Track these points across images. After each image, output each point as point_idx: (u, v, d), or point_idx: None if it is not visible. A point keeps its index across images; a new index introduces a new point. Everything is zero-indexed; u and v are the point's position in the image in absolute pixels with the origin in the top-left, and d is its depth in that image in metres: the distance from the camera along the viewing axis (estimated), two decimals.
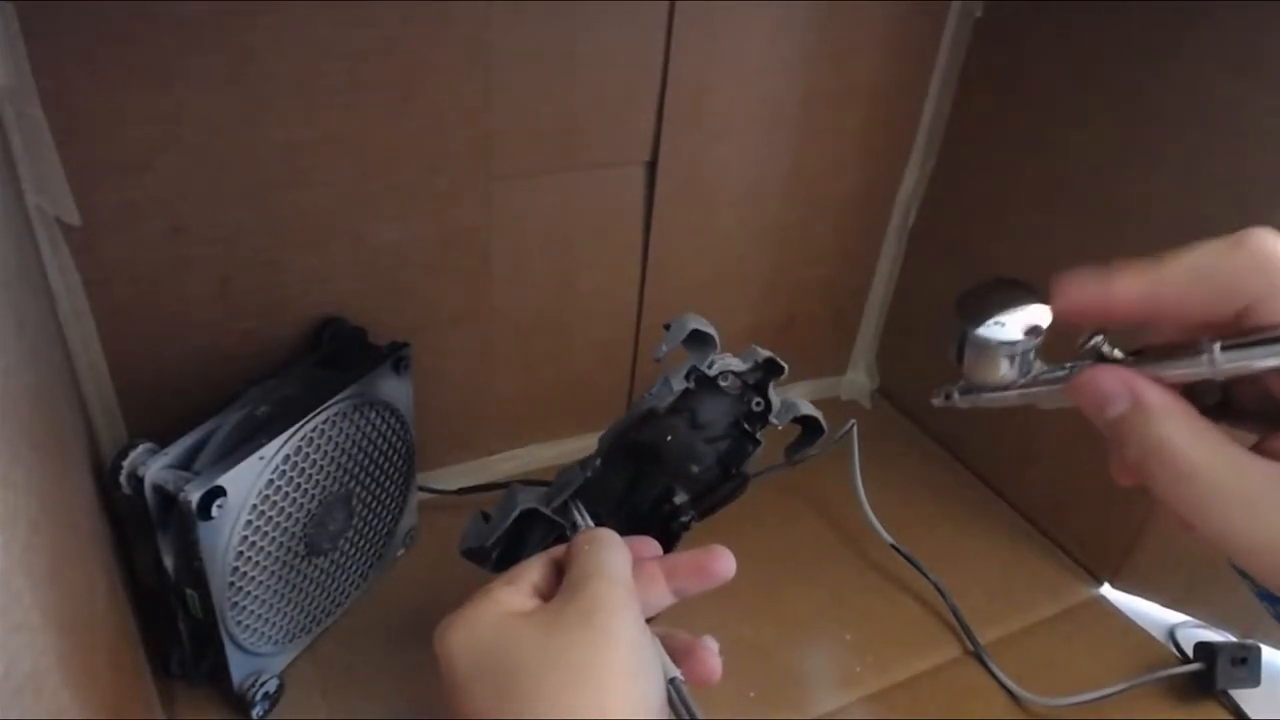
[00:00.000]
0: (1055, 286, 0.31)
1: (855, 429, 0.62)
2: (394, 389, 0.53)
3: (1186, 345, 0.29)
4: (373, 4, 0.47)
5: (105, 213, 0.47)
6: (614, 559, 0.36)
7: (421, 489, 0.62)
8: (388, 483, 0.56)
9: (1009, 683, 0.55)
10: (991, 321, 0.33)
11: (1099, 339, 0.31)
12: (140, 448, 0.44)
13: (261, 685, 0.49)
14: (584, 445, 0.71)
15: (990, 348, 0.33)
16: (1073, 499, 0.65)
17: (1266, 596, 0.32)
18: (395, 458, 0.55)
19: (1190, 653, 0.57)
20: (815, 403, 0.81)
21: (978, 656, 0.57)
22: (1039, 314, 0.31)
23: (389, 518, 0.57)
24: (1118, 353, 0.30)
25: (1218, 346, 0.27)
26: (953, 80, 0.68)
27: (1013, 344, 0.32)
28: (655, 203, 0.62)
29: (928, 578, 0.61)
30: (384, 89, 0.50)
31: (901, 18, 0.63)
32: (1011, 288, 0.33)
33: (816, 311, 0.77)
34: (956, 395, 0.37)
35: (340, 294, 0.56)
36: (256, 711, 0.49)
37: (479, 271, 0.59)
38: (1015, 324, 0.32)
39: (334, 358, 0.53)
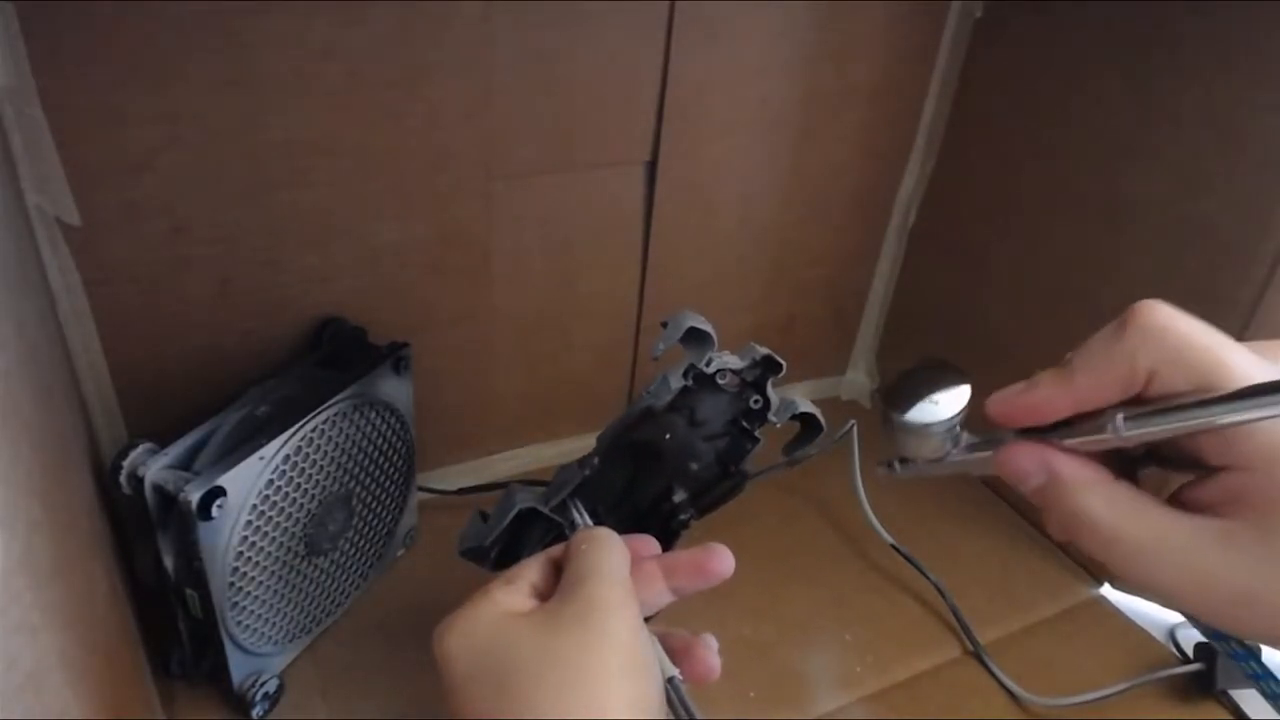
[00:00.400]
0: (987, 406, 0.34)
1: (855, 429, 0.62)
2: (394, 389, 0.53)
3: (1095, 417, 0.31)
4: (373, 4, 0.47)
5: (105, 213, 0.47)
6: (612, 558, 0.36)
7: (421, 489, 0.62)
8: (388, 483, 0.56)
9: (1009, 683, 0.55)
10: (924, 403, 0.35)
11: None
12: (140, 448, 0.44)
13: (261, 685, 0.49)
14: (584, 445, 0.71)
15: (923, 429, 0.35)
16: None
17: (1217, 636, 0.34)
18: (395, 458, 0.55)
19: (1190, 653, 0.57)
20: (815, 403, 0.81)
21: (978, 656, 0.57)
22: (963, 393, 0.34)
23: (389, 518, 0.57)
24: None
25: (1120, 418, 0.30)
26: (953, 80, 0.68)
27: (943, 422, 0.34)
28: (655, 203, 0.62)
29: (928, 578, 0.61)
30: (384, 89, 0.50)
31: (901, 18, 0.63)
32: (937, 370, 0.35)
33: (816, 311, 0.77)
34: (897, 467, 0.40)
35: (340, 294, 0.56)
36: (256, 711, 0.49)
37: (479, 271, 0.59)
38: (945, 404, 0.34)
39: (334, 358, 0.53)
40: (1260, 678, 0.46)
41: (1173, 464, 0.33)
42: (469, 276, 0.59)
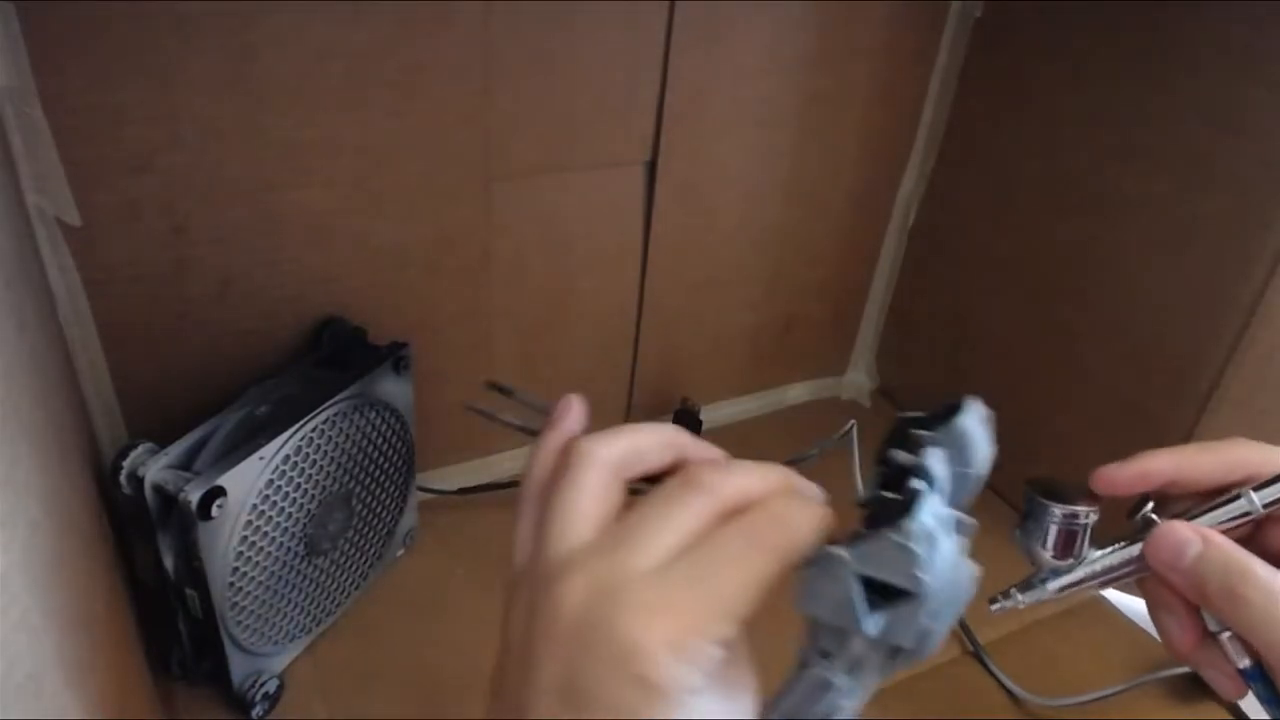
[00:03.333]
0: (1092, 481, 0.38)
1: (855, 429, 0.62)
2: (394, 389, 0.53)
3: (1224, 497, 0.36)
4: (373, 4, 0.47)
5: (105, 213, 0.47)
6: None
7: (421, 489, 0.62)
8: (388, 483, 0.56)
9: (1009, 683, 0.55)
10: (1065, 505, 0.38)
11: (1148, 508, 0.37)
12: (140, 448, 0.44)
13: (261, 685, 0.49)
14: None
15: (1066, 522, 0.38)
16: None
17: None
18: (395, 458, 0.55)
19: None
20: (815, 403, 0.82)
21: (977, 656, 0.57)
22: (1083, 515, 0.38)
23: (389, 518, 0.57)
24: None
25: (1250, 489, 0.35)
26: (953, 80, 0.68)
27: (1085, 518, 0.38)
28: (655, 203, 0.62)
29: None
30: (384, 89, 0.50)
31: (901, 18, 0.63)
32: (1065, 489, 0.39)
33: (816, 312, 0.77)
34: (1016, 595, 0.42)
35: (340, 294, 0.56)
36: (256, 711, 0.49)
37: (479, 271, 0.59)
38: (1084, 505, 0.38)
39: (334, 358, 0.53)
40: None
41: (1274, 556, 0.36)
42: (469, 276, 0.59)
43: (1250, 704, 0.54)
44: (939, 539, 0.27)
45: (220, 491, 0.42)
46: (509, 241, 0.59)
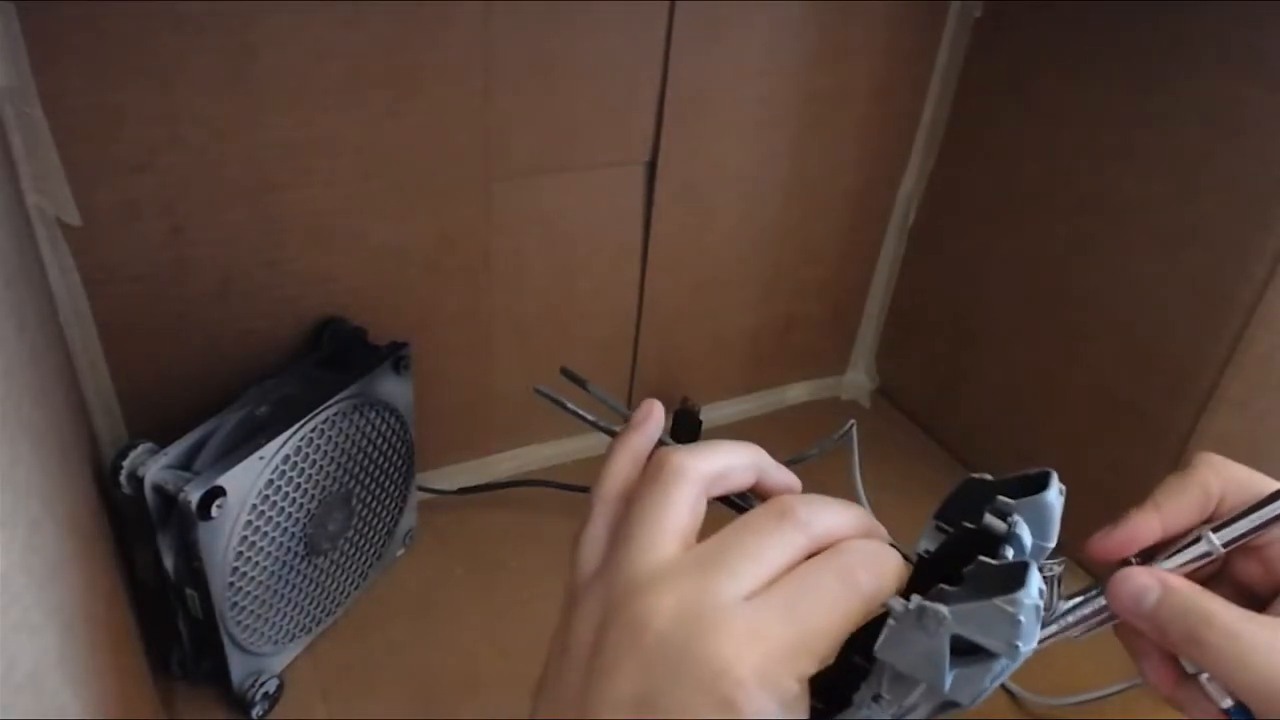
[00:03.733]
0: (1088, 548, 0.38)
1: (855, 429, 0.62)
2: (394, 389, 0.53)
3: (1184, 540, 0.37)
4: (373, 4, 0.47)
5: (105, 213, 0.47)
6: None
7: (421, 489, 0.62)
8: (387, 483, 0.56)
9: (1008, 683, 0.55)
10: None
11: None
12: (140, 448, 0.44)
13: (261, 685, 0.49)
14: (583, 445, 0.71)
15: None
16: (1072, 500, 0.65)
17: None
18: (395, 458, 0.55)
19: None
20: (815, 403, 0.82)
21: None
22: (1048, 568, 0.38)
23: (389, 518, 0.57)
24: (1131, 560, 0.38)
25: (1209, 530, 0.35)
26: (953, 80, 0.68)
27: (1052, 568, 0.38)
28: (655, 203, 0.62)
29: None
30: (384, 89, 0.50)
31: (901, 18, 0.63)
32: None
33: (816, 311, 0.77)
34: None
35: (340, 294, 0.56)
36: (256, 711, 0.49)
37: (479, 271, 0.59)
38: (1049, 559, 0.37)
39: (334, 358, 0.53)
40: None
41: (1246, 587, 0.38)
42: (469, 276, 0.59)
43: None
44: (1039, 609, 0.28)
45: (220, 491, 0.42)
46: (509, 241, 0.59)
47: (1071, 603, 0.39)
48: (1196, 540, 0.36)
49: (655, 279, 0.66)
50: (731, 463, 0.31)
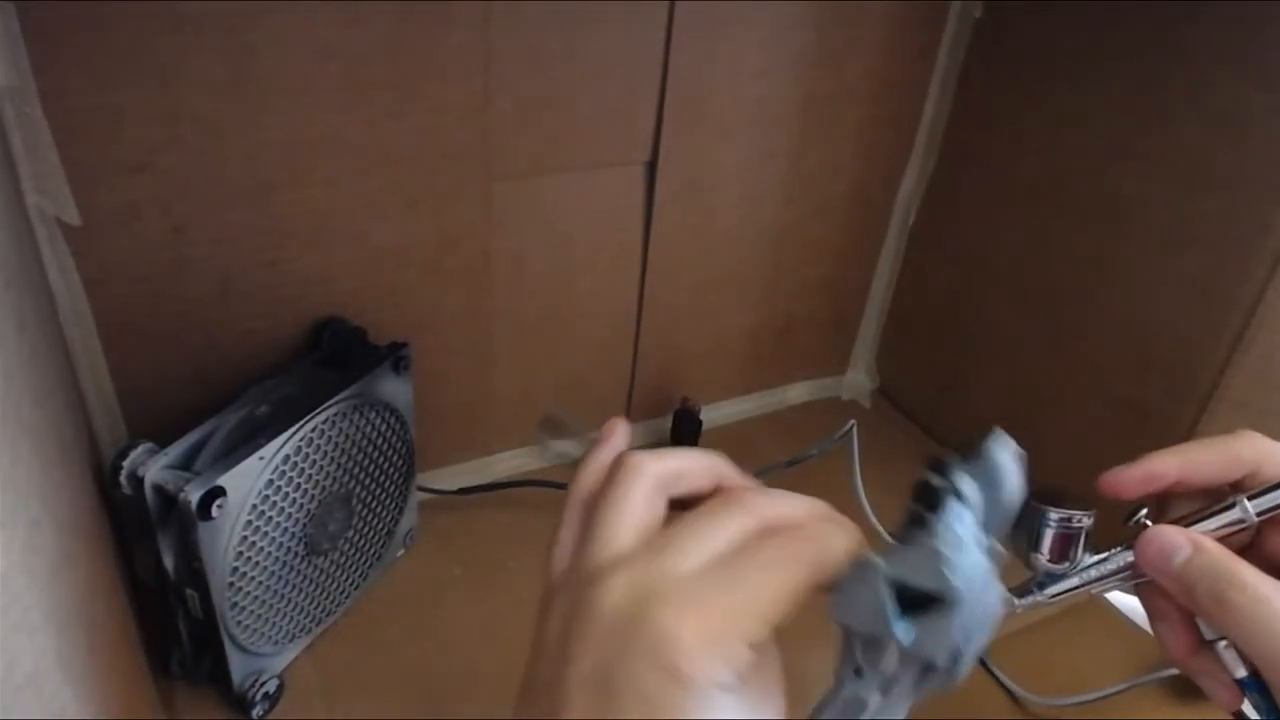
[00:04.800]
0: (1100, 483, 0.38)
1: (855, 429, 0.62)
2: (394, 389, 0.53)
3: (1218, 504, 0.36)
4: (373, 4, 0.47)
5: (105, 213, 0.47)
6: None
7: (421, 489, 0.62)
8: (387, 483, 0.56)
9: (1008, 683, 0.55)
10: (1061, 510, 0.39)
11: (1143, 513, 0.38)
12: (140, 448, 0.44)
13: (261, 685, 0.49)
14: (583, 445, 0.71)
15: (1066, 526, 0.39)
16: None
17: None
18: (395, 458, 0.55)
19: None
20: (815, 403, 0.82)
21: (977, 656, 0.57)
22: (1076, 520, 0.39)
23: (389, 518, 0.57)
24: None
25: (1244, 497, 0.35)
26: (953, 80, 0.68)
27: (1079, 521, 0.38)
28: (655, 203, 0.62)
29: None
30: (384, 89, 0.50)
31: (901, 18, 0.63)
32: (1061, 495, 0.40)
33: (816, 311, 0.77)
34: (1016, 602, 0.43)
35: (340, 294, 0.56)
36: (256, 711, 0.49)
37: (479, 271, 0.59)
38: (1078, 510, 0.38)
39: (334, 358, 0.53)
40: None
41: (1276, 562, 0.37)
42: (469, 276, 0.59)
43: (1248, 703, 0.54)
44: (968, 546, 0.28)
45: (220, 491, 0.42)
46: (509, 241, 0.59)
47: (1096, 558, 0.39)
48: (1231, 506, 0.36)
49: (655, 279, 0.66)
50: (686, 465, 0.32)
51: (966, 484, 0.30)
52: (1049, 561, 0.39)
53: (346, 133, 0.50)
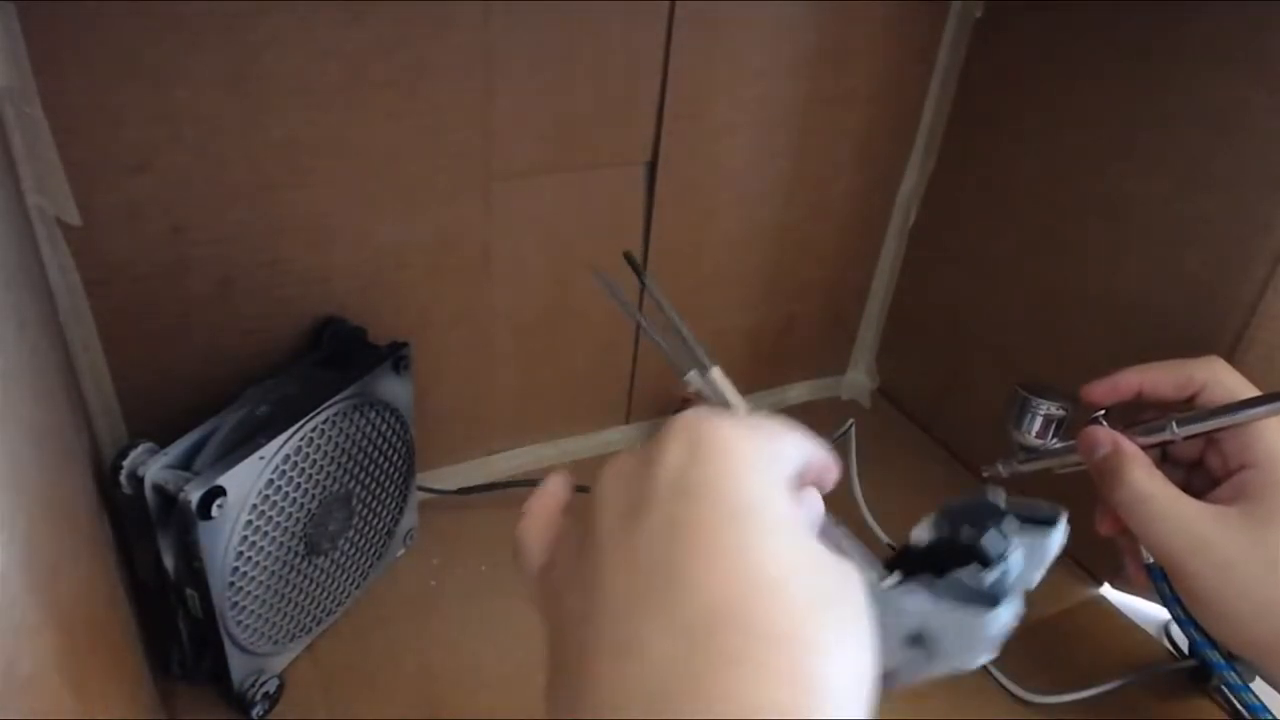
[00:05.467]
0: (1081, 392, 0.49)
1: (854, 429, 0.62)
2: (394, 389, 0.53)
3: (1157, 420, 0.46)
4: (373, 4, 0.47)
5: (105, 213, 0.47)
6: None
7: (421, 489, 0.62)
8: (388, 483, 0.56)
9: (1007, 683, 0.55)
10: (1042, 399, 0.52)
11: (1101, 414, 0.48)
12: (140, 448, 0.44)
13: (261, 685, 0.49)
14: (584, 445, 0.71)
15: (1045, 413, 0.52)
16: (1072, 499, 0.65)
17: (1212, 656, 0.47)
18: (395, 458, 0.55)
19: (1186, 650, 0.57)
20: (815, 403, 0.82)
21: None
22: (1056, 408, 0.52)
23: (389, 518, 0.57)
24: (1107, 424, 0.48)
25: (1174, 419, 0.45)
26: (953, 80, 0.68)
27: (1057, 411, 0.52)
28: (655, 203, 0.62)
29: None
30: (384, 89, 0.50)
31: (901, 18, 0.63)
32: (1049, 388, 0.52)
33: (816, 312, 0.77)
34: (1000, 467, 0.56)
35: (340, 294, 0.56)
36: (256, 711, 0.49)
37: (479, 271, 0.59)
38: (1056, 401, 0.52)
39: (334, 358, 0.53)
40: (1253, 709, 0.48)
41: (1200, 482, 0.46)
42: (469, 276, 0.59)
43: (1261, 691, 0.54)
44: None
45: (220, 491, 0.42)
46: (509, 241, 0.59)
47: (1062, 445, 0.51)
48: (1163, 425, 0.45)
49: (655, 279, 0.66)
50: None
51: (1017, 559, 0.30)
52: (1034, 438, 0.52)
53: (346, 133, 0.50)
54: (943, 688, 0.55)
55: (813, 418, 0.79)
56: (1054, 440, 0.51)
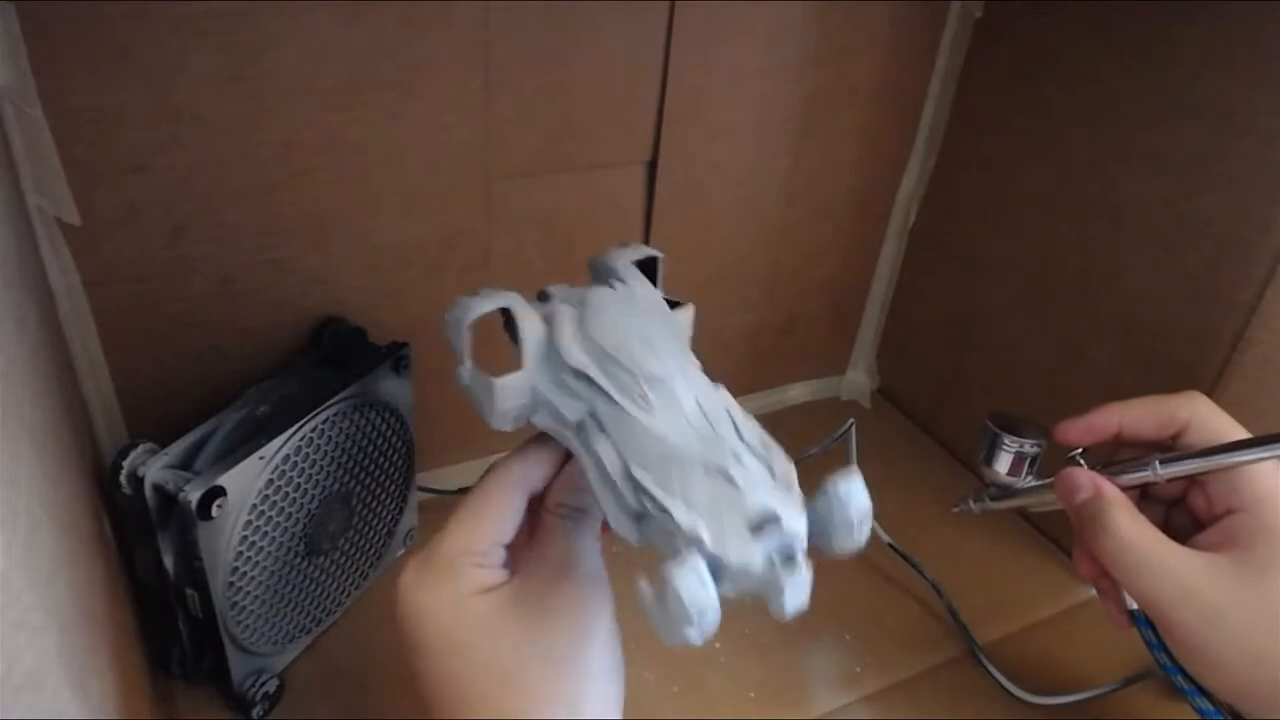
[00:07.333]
0: (1055, 432, 0.46)
1: (854, 429, 0.62)
2: (394, 389, 0.53)
3: (1138, 460, 0.43)
4: (373, 4, 0.47)
5: (105, 213, 0.47)
6: (591, 551, 0.37)
7: (421, 489, 0.62)
8: (388, 482, 0.56)
9: (1007, 683, 0.55)
10: (1013, 437, 0.49)
11: (1078, 452, 0.46)
12: (140, 448, 0.44)
13: (261, 685, 0.49)
14: None
15: (1016, 450, 0.50)
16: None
17: (1166, 663, 0.46)
18: (395, 457, 0.55)
19: None
20: (815, 403, 0.82)
21: (976, 656, 0.57)
22: (1030, 446, 0.49)
23: (389, 518, 0.57)
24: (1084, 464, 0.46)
25: (1157, 460, 0.42)
26: (953, 80, 0.68)
27: (1030, 448, 0.49)
28: (655, 203, 0.62)
29: (924, 577, 0.61)
30: (384, 89, 0.50)
31: (901, 18, 0.63)
32: (1022, 423, 0.50)
33: (817, 311, 0.77)
34: (972, 504, 0.55)
35: (340, 294, 0.56)
36: (256, 711, 0.49)
37: (479, 271, 0.59)
38: (1029, 439, 0.49)
39: (334, 358, 0.53)
40: None
41: (1181, 520, 0.44)
42: (469, 276, 0.59)
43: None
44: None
45: (220, 491, 0.42)
46: (509, 241, 0.59)
47: (1037, 483, 0.49)
48: (1145, 465, 0.42)
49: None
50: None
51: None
52: (1005, 476, 0.49)
53: (346, 133, 0.50)
54: (942, 688, 0.55)
55: (813, 418, 0.79)
56: (1028, 478, 0.49)
